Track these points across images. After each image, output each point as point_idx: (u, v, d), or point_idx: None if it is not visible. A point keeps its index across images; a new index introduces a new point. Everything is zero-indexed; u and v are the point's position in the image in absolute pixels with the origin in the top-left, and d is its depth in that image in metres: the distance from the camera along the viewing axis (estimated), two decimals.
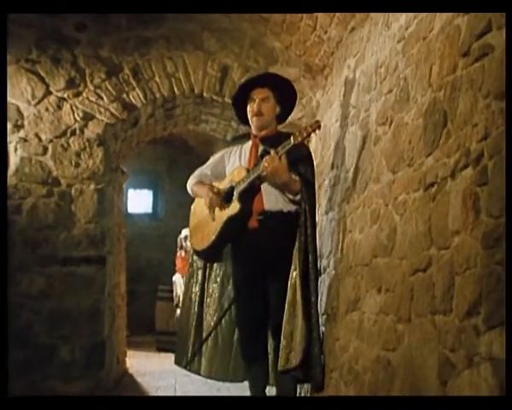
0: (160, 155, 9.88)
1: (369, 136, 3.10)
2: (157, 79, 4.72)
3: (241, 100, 3.58)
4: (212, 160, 3.83)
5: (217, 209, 3.49)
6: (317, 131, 3.26)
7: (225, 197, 3.48)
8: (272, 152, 3.25)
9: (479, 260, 1.82)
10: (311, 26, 4.07)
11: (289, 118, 3.79)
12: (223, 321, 3.72)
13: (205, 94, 4.80)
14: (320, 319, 3.43)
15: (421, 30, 2.51)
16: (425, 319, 2.19)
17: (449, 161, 2.09)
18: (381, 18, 3.13)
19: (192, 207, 3.82)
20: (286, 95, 3.56)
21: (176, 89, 4.75)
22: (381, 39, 3.08)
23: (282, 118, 3.64)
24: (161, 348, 7.56)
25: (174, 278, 7.75)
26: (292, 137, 3.22)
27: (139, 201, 10.24)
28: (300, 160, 3.43)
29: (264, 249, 3.38)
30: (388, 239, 2.67)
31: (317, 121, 3.27)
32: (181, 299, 7.47)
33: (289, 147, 3.21)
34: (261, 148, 3.48)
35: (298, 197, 3.37)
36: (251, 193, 3.39)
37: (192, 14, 4.64)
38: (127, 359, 5.93)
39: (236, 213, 3.37)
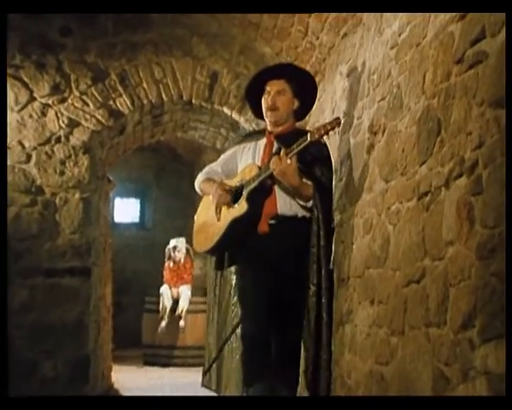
0: (148, 163, 9.85)
1: (362, 144, 3.11)
2: (144, 85, 4.72)
3: (255, 92, 3.33)
4: (223, 156, 3.60)
5: (224, 209, 3.27)
6: (336, 129, 3.03)
7: (234, 197, 3.26)
8: (282, 152, 3.03)
9: (473, 272, 1.83)
10: (302, 32, 4.09)
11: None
12: (233, 336, 3.60)
13: (194, 100, 4.80)
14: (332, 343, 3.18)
15: (414, 36, 2.52)
16: (419, 331, 2.19)
17: (443, 169, 2.10)
18: (374, 24, 3.14)
19: (199, 207, 3.61)
20: (305, 88, 3.31)
21: (164, 95, 4.75)
22: (374, 45, 3.10)
23: (300, 114, 3.40)
24: (148, 362, 7.52)
25: (161, 290, 7.72)
26: (308, 135, 2.99)
27: (126, 210, 10.21)
28: (318, 161, 3.19)
29: (276, 258, 3.12)
30: (381, 250, 2.67)
31: (338, 118, 3.04)
32: (167, 311, 7.47)
33: (305, 145, 2.98)
34: (276, 146, 3.24)
35: (310, 203, 3.13)
36: (262, 194, 3.16)
37: (181, 18, 4.65)
38: (113, 373, 5.88)
39: (243, 214, 3.15)
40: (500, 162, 1.72)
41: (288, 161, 2.99)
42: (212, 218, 3.33)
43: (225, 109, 4.87)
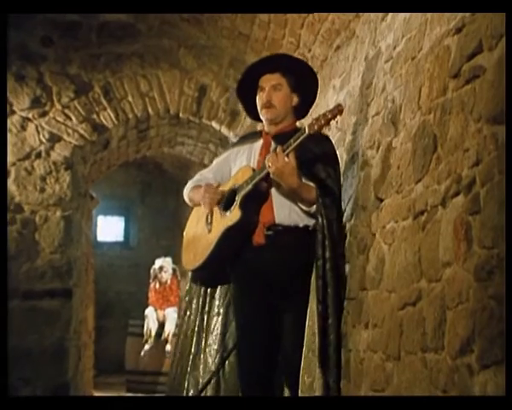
0: (133, 180, 9.86)
1: (356, 160, 3.12)
2: (130, 98, 4.74)
3: (248, 89, 3.08)
4: (215, 161, 3.36)
5: (215, 219, 3.00)
6: (338, 118, 2.76)
7: (226, 203, 2.99)
8: (278, 148, 2.75)
9: (471, 294, 1.83)
10: (294, 44, 4.12)
11: None
12: (226, 364, 3.15)
13: (181, 115, 4.82)
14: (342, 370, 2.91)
15: (409, 49, 2.55)
16: (415, 356, 2.19)
17: (439, 187, 2.11)
18: (368, 36, 3.18)
19: (188, 220, 3.33)
20: (304, 81, 3.05)
21: (150, 109, 4.77)
22: (368, 59, 3.13)
23: (301, 111, 3.12)
24: (132, 389, 7.45)
25: (146, 312, 7.68)
26: (307, 127, 2.72)
27: (109, 228, 10.18)
28: (321, 159, 2.90)
29: (273, 272, 2.88)
30: (376, 271, 2.67)
31: (339, 105, 2.77)
32: (152, 335, 7.43)
33: (303, 138, 2.72)
34: (273, 146, 2.93)
35: (313, 209, 2.85)
36: (257, 200, 2.91)
37: (168, 29, 4.67)
38: None
39: (236, 222, 2.87)
40: (498, 180, 1.73)
41: (286, 159, 2.72)
42: (202, 230, 3.08)
43: (214, 124, 4.89)
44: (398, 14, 2.72)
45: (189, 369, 3.17)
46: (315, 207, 2.83)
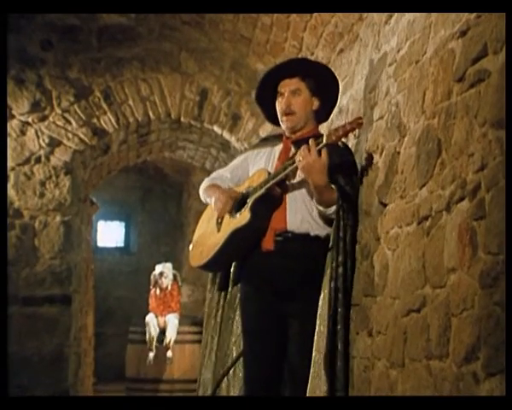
0: (133, 185, 9.86)
1: (359, 165, 3.12)
2: (130, 102, 4.74)
3: (267, 95, 3.07)
4: (234, 161, 3.36)
5: (225, 219, 3.00)
6: (356, 131, 2.78)
7: (238, 205, 2.99)
8: (310, 141, 2.71)
9: (476, 301, 1.83)
10: (296, 47, 4.13)
11: None
12: (230, 373, 3.11)
13: (182, 119, 4.83)
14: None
15: (413, 53, 2.55)
16: (420, 364, 2.19)
17: (444, 192, 2.11)
18: (371, 39, 3.18)
19: (200, 218, 3.34)
20: (324, 84, 3.03)
21: (151, 113, 4.78)
22: (371, 62, 3.13)
23: (323, 114, 3.12)
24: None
25: (147, 319, 7.66)
26: (325, 136, 2.73)
27: (110, 234, 10.19)
28: (341, 168, 2.87)
29: (280, 279, 2.88)
30: (379, 277, 2.67)
31: (360, 118, 2.77)
32: (154, 342, 7.43)
33: (321, 147, 2.72)
34: (293, 151, 2.94)
35: (331, 211, 2.81)
36: (270, 204, 2.89)
37: (168, 33, 4.68)
38: None
39: (245, 225, 2.86)
40: (503, 185, 1.73)
41: (318, 155, 2.68)
42: (212, 229, 3.09)
43: (215, 128, 4.89)
44: (402, 18, 2.72)
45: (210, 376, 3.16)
46: (333, 209, 2.81)
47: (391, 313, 2.51)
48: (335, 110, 3.65)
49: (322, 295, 2.81)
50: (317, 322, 2.80)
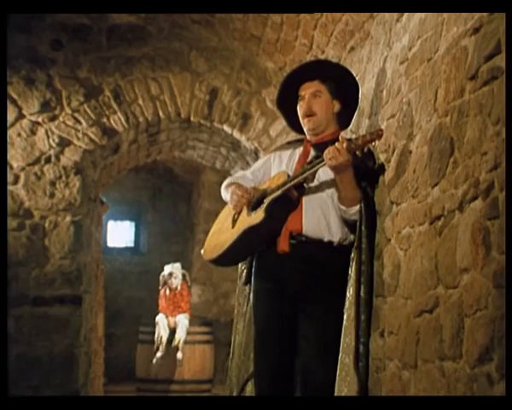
0: (143, 185, 9.88)
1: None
2: (140, 101, 4.75)
3: (289, 101, 3.09)
4: (256, 163, 3.42)
5: (241, 216, 3.04)
6: (377, 142, 2.81)
7: (255, 204, 3.02)
8: (341, 137, 2.74)
9: (490, 301, 1.82)
10: (306, 46, 4.13)
11: None
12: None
13: (192, 118, 4.83)
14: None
15: (425, 51, 2.54)
16: (432, 365, 2.18)
17: (456, 192, 2.10)
18: (383, 37, 3.17)
19: (221, 212, 3.39)
20: (344, 87, 3.04)
21: (161, 112, 4.79)
22: (383, 60, 3.12)
23: (345, 118, 3.11)
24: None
25: (157, 319, 7.68)
26: (345, 144, 2.73)
27: (120, 234, 10.21)
28: (365, 176, 2.89)
29: (293, 282, 2.90)
30: (391, 277, 2.67)
31: (380, 130, 2.75)
32: (163, 342, 7.44)
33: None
34: (312, 154, 2.98)
35: (353, 210, 2.81)
36: (286, 206, 2.92)
37: (178, 32, 4.69)
38: None
39: (258, 223, 2.89)
40: None
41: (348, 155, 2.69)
42: (227, 225, 3.13)
43: (225, 127, 4.90)
44: (414, 15, 2.71)
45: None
46: (356, 208, 2.81)
47: (403, 314, 2.50)
48: None
49: (348, 294, 2.80)
50: (344, 323, 2.79)
